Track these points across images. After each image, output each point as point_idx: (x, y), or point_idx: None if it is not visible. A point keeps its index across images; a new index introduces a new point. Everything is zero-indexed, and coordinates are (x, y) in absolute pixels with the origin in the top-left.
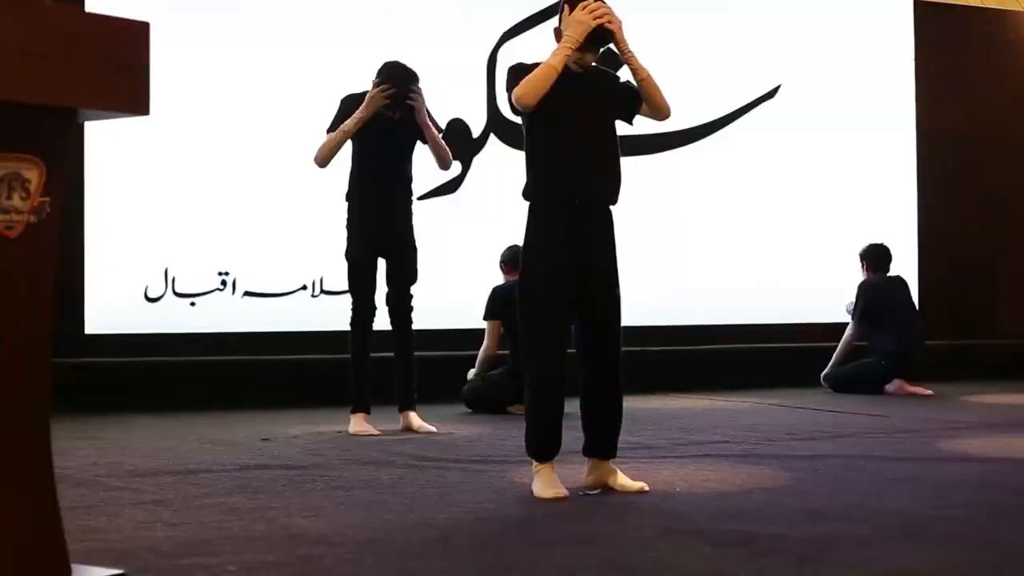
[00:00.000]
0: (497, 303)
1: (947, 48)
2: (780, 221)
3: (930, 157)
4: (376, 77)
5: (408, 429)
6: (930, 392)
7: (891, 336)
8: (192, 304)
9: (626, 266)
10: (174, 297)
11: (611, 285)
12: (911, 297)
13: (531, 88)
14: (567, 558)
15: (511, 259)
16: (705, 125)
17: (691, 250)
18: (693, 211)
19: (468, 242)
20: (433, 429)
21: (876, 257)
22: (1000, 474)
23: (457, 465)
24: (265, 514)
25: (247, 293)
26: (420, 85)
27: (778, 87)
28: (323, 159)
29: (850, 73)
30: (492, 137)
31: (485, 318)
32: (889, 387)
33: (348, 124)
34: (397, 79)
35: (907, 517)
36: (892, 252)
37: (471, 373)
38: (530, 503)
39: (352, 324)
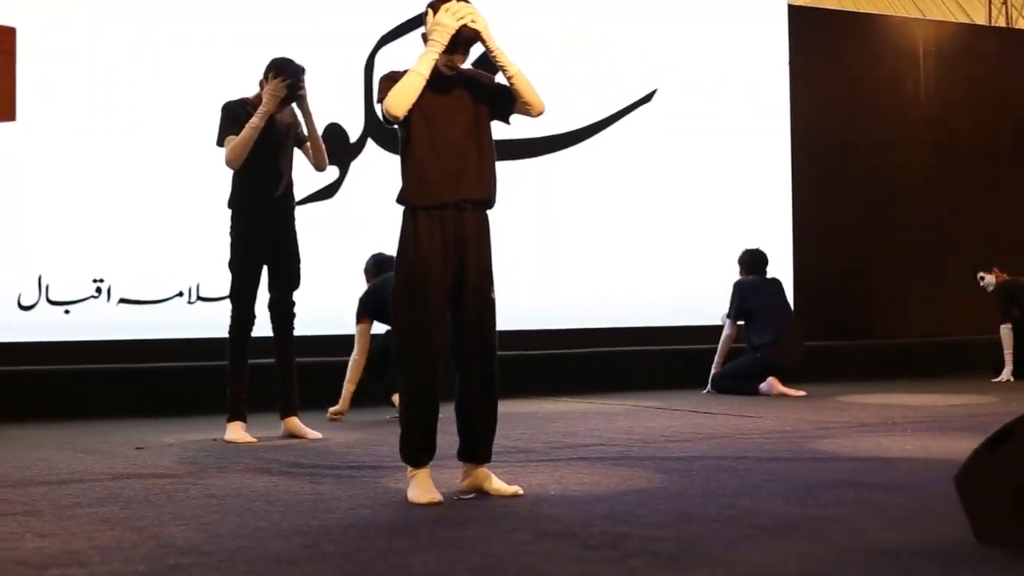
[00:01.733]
0: (365, 306)
1: (821, 52)
2: (658, 225)
3: (804, 160)
4: (268, 72)
5: (291, 435)
6: (803, 393)
7: (764, 330)
8: (67, 312)
9: (506, 270)
10: (48, 305)
11: (485, 289)
12: (784, 295)
13: (399, 97)
14: (440, 563)
15: (374, 267)
16: (582, 129)
17: (570, 254)
18: (571, 214)
19: (345, 248)
20: (318, 435)
21: (751, 261)
22: (869, 473)
23: (332, 472)
24: (136, 523)
25: (122, 300)
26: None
27: (654, 91)
28: (237, 159)
29: (726, 77)
30: (370, 142)
31: (357, 322)
32: (763, 387)
33: (255, 120)
34: (290, 72)
35: (777, 516)
36: (768, 256)
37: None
38: (404, 508)
39: (231, 332)
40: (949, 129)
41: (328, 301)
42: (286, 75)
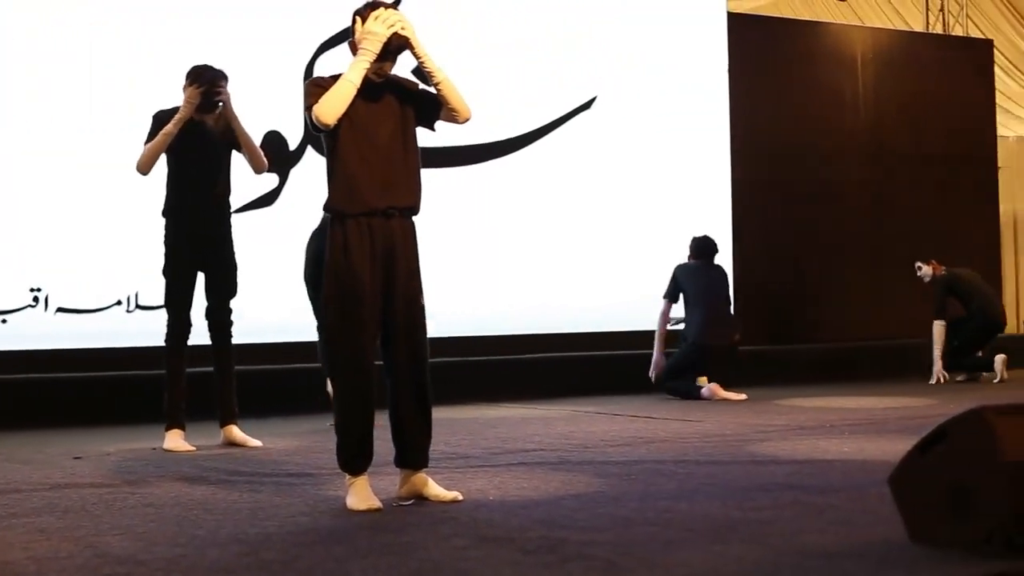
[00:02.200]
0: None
1: (760, 58)
2: (597, 229)
3: (744, 166)
4: (185, 80)
5: (230, 444)
6: (744, 396)
7: (696, 312)
8: (3, 321)
9: (444, 277)
10: None
11: (414, 297)
12: (726, 281)
13: (330, 106)
14: (378, 569)
15: None
16: (522, 136)
17: (508, 260)
18: (510, 221)
19: (284, 255)
20: (258, 443)
21: (697, 247)
22: (806, 475)
23: (270, 479)
24: (73, 533)
25: (60, 309)
26: (228, 86)
27: (594, 98)
28: (145, 165)
29: (667, 84)
30: (309, 149)
31: None
32: (704, 392)
33: (169, 128)
34: (207, 79)
35: (714, 520)
36: (716, 245)
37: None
38: (343, 516)
39: (168, 340)
40: (887, 135)
41: (267, 309)
42: (201, 82)
